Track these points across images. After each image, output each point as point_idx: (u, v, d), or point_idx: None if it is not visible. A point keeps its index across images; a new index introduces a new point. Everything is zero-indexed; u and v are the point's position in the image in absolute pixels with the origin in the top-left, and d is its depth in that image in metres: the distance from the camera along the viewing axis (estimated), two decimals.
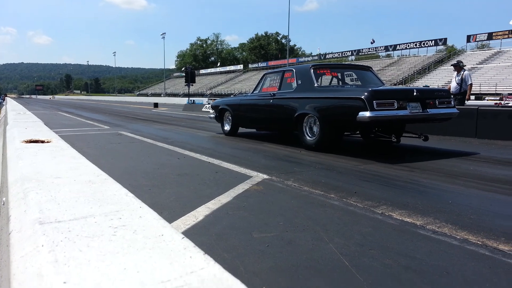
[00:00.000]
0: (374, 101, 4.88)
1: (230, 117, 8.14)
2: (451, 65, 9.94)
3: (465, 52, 49.80)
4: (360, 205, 2.89)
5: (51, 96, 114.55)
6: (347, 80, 6.87)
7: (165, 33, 76.59)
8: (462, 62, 10.14)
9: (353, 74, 6.98)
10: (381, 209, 2.78)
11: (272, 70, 7.51)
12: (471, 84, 9.54)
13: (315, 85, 6.07)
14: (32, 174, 1.11)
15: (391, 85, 43.60)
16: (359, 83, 6.75)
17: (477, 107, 7.73)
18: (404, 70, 48.35)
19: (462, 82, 9.49)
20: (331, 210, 2.78)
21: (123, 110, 22.22)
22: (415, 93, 5.32)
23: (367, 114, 4.84)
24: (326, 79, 6.87)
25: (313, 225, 2.44)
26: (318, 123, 5.77)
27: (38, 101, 51.03)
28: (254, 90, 7.67)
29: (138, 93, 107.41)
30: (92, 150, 5.82)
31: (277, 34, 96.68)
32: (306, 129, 6.05)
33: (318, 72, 6.36)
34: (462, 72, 9.54)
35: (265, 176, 3.88)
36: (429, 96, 5.56)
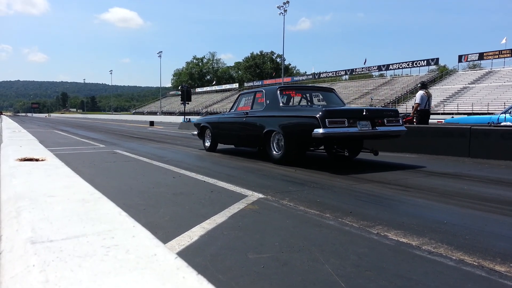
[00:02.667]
0: (326, 120, 5.49)
1: (210, 134, 8.72)
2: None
3: (457, 72, 50.57)
4: (356, 225, 2.88)
5: (47, 114, 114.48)
6: (315, 100, 7.54)
7: (161, 51, 77.45)
8: (421, 84, 10.77)
9: (320, 95, 7.68)
10: (376, 229, 2.77)
11: (246, 91, 8.09)
12: (415, 104, 10.29)
13: (281, 104, 6.71)
14: (26, 193, 1.10)
15: (384, 104, 44.04)
16: (324, 103, 7.40)
17: (469, 126, 7.81)
18: (397, 90, 48.93)
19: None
20: (326, 230, 2.77)
21: (118, 128, 22.20)
22: (364, 113, 5.92)
23: (321, 130, 5.44)
24: (297, 99, 7.57)
25: (308, 245, 2.42)
26: (282, 139, 6.33)
27: (34, 119, 50.92)
28: (231, 109, 8.29)
29: (134, 111, 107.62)
30: (87, 168, 5.78)
31: (272, 53, 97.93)
32: (273, 145, 6.62)
33: (284, 93, 7.12)
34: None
35: (261, 196, 3.86)
36: (378, 115, 6.13)
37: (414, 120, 10.46)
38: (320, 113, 5.57)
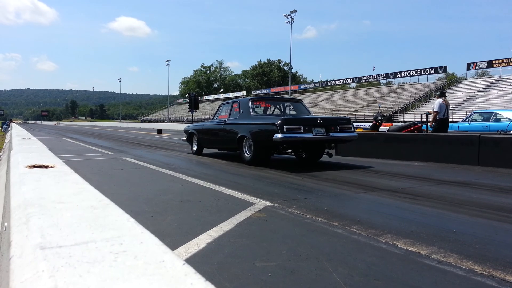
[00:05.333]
0: (284, 126, 6.43)
1: (196, 140, 9.78)
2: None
3: (465, 79, 50.24)
4: (364, 234, 2.85)
5: (56, 122, 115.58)
6: (287, 110, 8.70)
7: (169, 60, 77.94)
8: (439, 92, 10.63)
9: (291, 105, 8.89)
10: (385, 238, 2.75)
11: (226, 102, 9.25)
12: (433, 112, 10.13)
13: (251, 113, 7.72)
14: (35, 199, 1.11)
15: (392, 111, 43.83)
16: (294, 112, 8.60)
17: (479, 134, 7.74)
18: (405, 98, 48.69)
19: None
20: (334, 239, 2.75)
21: (127, 136, 22.35)
22: (318, 121, 6.90)
23: (279, 136, 6.37)
24: (270, 109, 8.74)
25: (316, 254, 2.40)
26: (252, 143, 7.26)
27: (43, 127, 51.46)
28: (213, 117, 9.45)
29: (142, 119, 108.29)
30: (95, 176, 5.82)
31: (280, 61, 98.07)
32: (245, 148, 7.55)
33: (255, 103, 8.18)
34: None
35: (268, 203, 3.85)
36: (331, 123, 7.11)
37: (428, 126, 10.39)
38: (279, 121, 6.50)
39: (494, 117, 13.72)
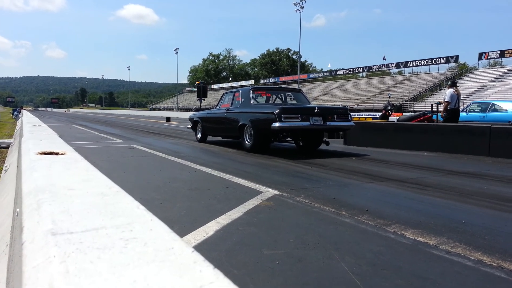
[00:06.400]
0: (282, 115, 6.65)
1: (200, 127, 10.05)
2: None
3: (477, 69, 49.43)
4: (372, 223, 2.85)
5: (66, 109, 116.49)
6: (288, 99, 8.92)
7: (178, 48, 77.62)
8: (451, 82, 10.44)
9: (292, 95, 9.09)
10: (393, 228, 2.74)
11: (228, 91, 9.42)
12: (445, 102, 9.94)
13: (252, 102, 7.97)
14: (46, 186, 1.12)
15: (402, 101, 43.40)
16: (294, 101, 8.79)
17: (490, 125, 7.63)
18: (415, 87, 48.11)
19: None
20: (342, 228, 2.75)
21: (136, 124, 22.48)
22: (316, 110, 7.08)
23: (277, 124, 6.61)
24: (271, 98, 8.91)
25: (324, 242, 2.41)
26: (252, 131, 7.50)
27: (53, 114, 51.93)
28: (216, 105, 9.67)
29: (151, 107, 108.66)
30: (105, 163, 5.87)
31: (289, 50, 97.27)
32: (246, 136, 7.80)
33: (255, 93, 8.42)
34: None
35: (276, 192, 3.86)
36: (328, 112, 7.29)
37: (439, 116, 10.25)
38: (277, 110, 6.72)
39: (492, 108, 13.83)
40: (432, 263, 2.12)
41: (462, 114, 14.23)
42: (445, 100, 9.87)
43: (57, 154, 1.88)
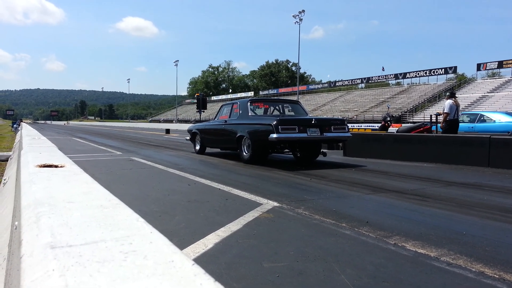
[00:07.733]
0: (279, 126, 6.71)
1: (199, 139, 10.08)
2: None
3: (476, 80, 49.68)
4: (373, 235, 2.84)
5: (66, 122, 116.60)
6: (286, 111, 8.92)
7: (178, 60, 77.92)
8: (449, 93, 10.50)
9: (289, 106, 9.12)
10: (394, 240, 2.72)
11: (227, 102, 9.49)
12: (444, 113, 9.95)
13: (249, 114, 7.99)
14: (45, 199, 1.12)
15: (401, 112, 43.52)
16: (292, 113, 8.84)
17: (489, 135, 7.65)
18: (414, 98, 48.28)
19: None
20: (342, 240, 2.74)
21: (135, 136, 22.48)
22: (313, 121, 7.14)
23: (275, 135, 6.65)
24: (270, 110, 8.86)
25: (324, 255, 2.39)
26: (250, 142, 7.53)
27: (53, 127, 51.97)
28: (215, 117, 9.76)
29: (150, 119, 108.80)
30: (104, 175, 5.86)
31: (288, 61, 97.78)
32: (244, 147, 7.82)
33: (253, 104, 8.48)
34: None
35: (275, 204, 3.85)
36: (325, 123, 7.36)
37: (438, 127, 10.26)
38: (275, 121, 6.78)
39: (480, 118, 13.98)
40: (434, 275, 2.11)
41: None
42: (444, 111, 9.90)
43: (56, 166, 1.88)
